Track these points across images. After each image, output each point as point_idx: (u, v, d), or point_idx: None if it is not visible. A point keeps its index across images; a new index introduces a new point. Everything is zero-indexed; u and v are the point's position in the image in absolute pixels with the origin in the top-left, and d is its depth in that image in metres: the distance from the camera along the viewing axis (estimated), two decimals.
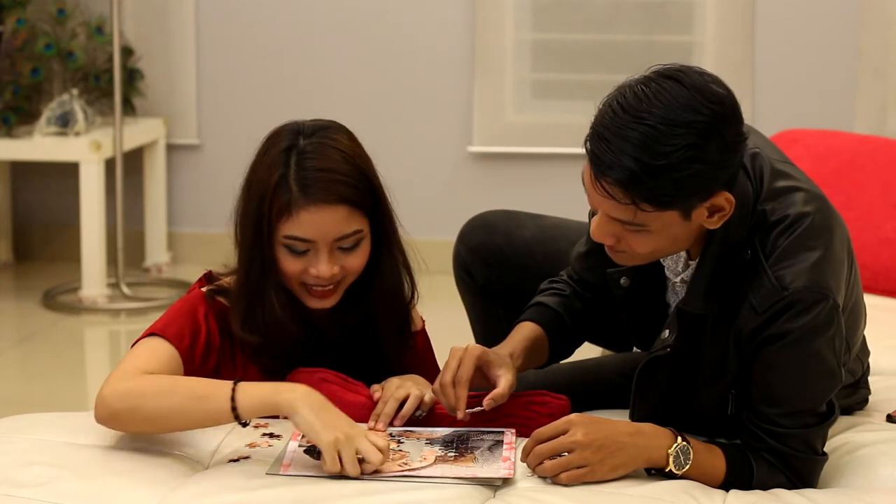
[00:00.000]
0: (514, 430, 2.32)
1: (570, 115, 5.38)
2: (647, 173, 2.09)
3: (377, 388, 2.39)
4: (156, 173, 5.60)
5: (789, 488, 2.24)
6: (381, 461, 2.14)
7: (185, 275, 5.48)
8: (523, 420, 2.36)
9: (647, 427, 2.23)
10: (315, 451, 2.17)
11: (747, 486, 2.25)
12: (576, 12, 5.46)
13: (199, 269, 2.52)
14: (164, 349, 2.31)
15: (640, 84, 2.14)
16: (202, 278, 2.45)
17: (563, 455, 2.16)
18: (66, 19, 5.40)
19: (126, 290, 5.24)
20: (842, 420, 2.46)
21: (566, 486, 2.15)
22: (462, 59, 5.51)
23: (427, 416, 2.36)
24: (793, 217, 2.23)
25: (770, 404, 2.24)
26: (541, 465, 2.17)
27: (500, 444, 2.26)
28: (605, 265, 2.44)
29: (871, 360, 2.61)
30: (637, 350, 2.55)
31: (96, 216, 5.11)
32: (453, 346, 2.38)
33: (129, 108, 5.41)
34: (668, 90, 2.12)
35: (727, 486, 2.24)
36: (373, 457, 2.13)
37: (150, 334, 2.33)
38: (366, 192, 2.34)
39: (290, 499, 2.06)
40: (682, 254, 2.33)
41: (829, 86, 5.38)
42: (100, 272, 5.14)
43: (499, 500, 2.11)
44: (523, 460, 2.20)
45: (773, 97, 5.35)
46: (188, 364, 2.31)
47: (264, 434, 2.32)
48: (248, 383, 2.20)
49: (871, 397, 2.64)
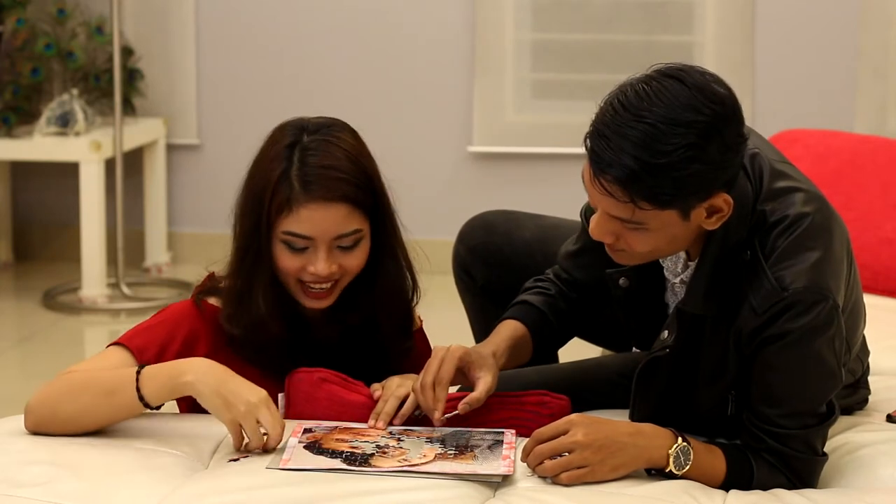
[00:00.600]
0: (514, 431, 2.31)
1: (570, 115, 5.38)
2: (646, 172, 2.09)
3: (377, 387, 2.39)
4: (156, 173, 5.60)
5: (789, 489, 2.24)
6: (279, 433, 2.17)
7: (184, 275, 5.48)
8: (523, 420, 2.36)
9: (648, 427, 2.23)
10: (315, 448, 2.17)
11: (747, 486, 2.24)
12: (576, 12, 5.46)
13: (199, 269, 2.52)
14: (120, 360, 2.30)
15: (642, 83, 2.14)
16: (204, 280, 2.44)
17: (564, 455, 2.16)
18: (66, 19, 5.40)
19: (126, 290, 5.24)
20: (842, 420, 2.45)
21: (566, 486, 2.14)
22: (462, 59, 5.51)
23: (427, 416, 2.36)
24: (792, 217, 2.23)
25: (770, 405, 2.24)
26: (541, 465, 2.17)
27: (500, 443, 2.26)
28: (596, 264, 2.44)
29: (871, 360, 2.61)
30: (637, 350, 2.55)
31: (96, 216, 5.11)
32: (436, 345, 2.38)
33: (129, 108, 5.41)
34: (670, 89, 2.11)
35: (727, 486, 2.24)
36: (273, 429, 2.16)
37: (115, 343, 2.33)
38: (367, 191, 2.33)
39: (290, 499, 2.06)
40: (682, 254, 2.33)
41: (829, 86, 5.38)
42: (100, 272, 5.14)
43: (499, 500, 2.11)
44: (523, 460, 2.20)
45: (773, 97, 5.35)
46: None
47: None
48: (151, 367, 2.21)
49: (871, 397, 2.64)
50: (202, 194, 5.70)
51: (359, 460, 2.18)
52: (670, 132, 2.09)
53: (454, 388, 2.49)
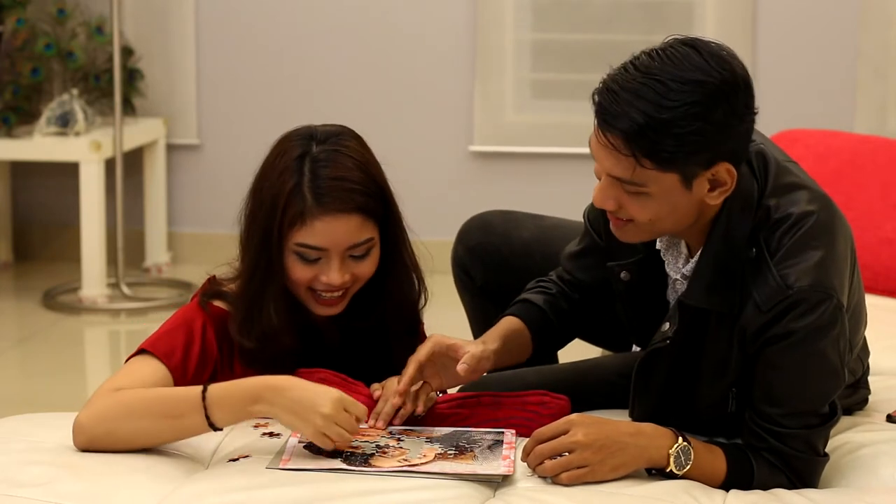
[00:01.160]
0: (514, 431, 2.32)
1: (570, 115, 5.38)
2: (650, 127, 2.10)
3: (377, 387, 2.39)
4: (156, 173, 5.60)
5: (790, 488, 2.24)
6: (356, 428, 2.19)
7: (184, 275, 5.48)
8: (523, 420, 2.36)
9: (648, 427, 2.23)
10: (314, 447, 2.18)
11: (748, 486, 2.24)
12: (576, 12, 5.46)
13: (198, 268, 2.51)
14: (152, 368, 2.29)
15: (656, 49, 2.18)
16: (205, 283, 2.44)
17: (564, 455, 2.16)
18: (66, 19, 5.40)
19: (126, 290, 5.24)
20: (842, 420, 2.45)
21: (566, 486, 2.14)
22: (462, 60, 5.51)
23: (427, 416, 2.36)
24: (797, 216, 2.23)
25: (772, 404, 2.24)
26: (541, 464, 2.17)
27: (500, 443, 2.26)
28: (599, 265, 2.44)
29: (871, 360, 2.61)
30: (637, 349, 2.55)
31: (96, 216, 5.11)
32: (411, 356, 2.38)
33: (129, 108, 5.41)
34: (684, 53, 2.15)
35: (728, 486, 2.24)
36: (352, 429, 2.18)
37: (140, 351, 2.32)
38: (378, 199, 2.33)
39: (290, 499, 2.06)
40: (683, 250, 2.33)
41: (829, 86, 5.38)
42: (100, 272, 5.14)
43: (499, 500, 2.11)
44: (524, 460, 2.20)
45: (773, 97, 5.34)
46: (180, 380, 2.29)
47: (264, 434, 2.31)
48: (216, 390, 2.19)
49: (871, 397, 2.64)
50: (202, 194, 5.70)
51: (359, 460, 2.18)
52: (678, 89, 2.11)
53: (454, 389, 2.49)
